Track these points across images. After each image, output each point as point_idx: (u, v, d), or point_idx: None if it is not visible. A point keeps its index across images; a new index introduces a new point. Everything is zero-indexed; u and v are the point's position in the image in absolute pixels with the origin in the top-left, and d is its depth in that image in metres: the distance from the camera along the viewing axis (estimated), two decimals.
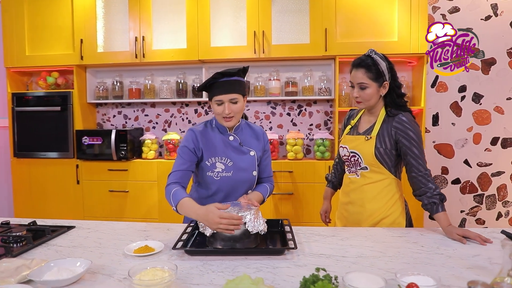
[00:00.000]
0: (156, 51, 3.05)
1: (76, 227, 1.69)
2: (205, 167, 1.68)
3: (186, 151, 1.67)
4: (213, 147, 1.69)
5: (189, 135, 1.70)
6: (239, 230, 1.38)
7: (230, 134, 1.72)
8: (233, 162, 1.68)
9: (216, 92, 1.59)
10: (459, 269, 1.21)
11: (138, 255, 1.32)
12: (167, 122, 3.43)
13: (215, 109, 1.62)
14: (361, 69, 1.67)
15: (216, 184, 1.68)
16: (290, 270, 1.22)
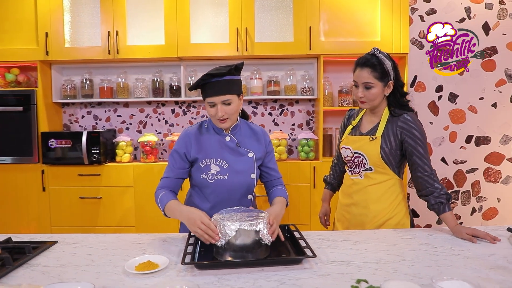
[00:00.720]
0: (131, 47, 2.85)
1: (59, 241, 1.50)
2: (198, 169, 1.58)
3: (176, 157, 1.60)
4: (207, 148, 1.58)
5: (182, 137, 1.60)
6: (250, 239, 1.28)
7: (226, 135, 1.61)
8: (229, 164, 1.58)
9: (208, 93, 1.48)
10: (483, 271, 1.20)
11: (142, 272, 1.18)
12: (142, 123, 3.23)
13: (208, 111, 1.52)
14: (367, 69, 1.62)
15: (210, 188, 1.58)
16: (314, 280, 1.13)
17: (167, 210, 1.50)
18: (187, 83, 3.03)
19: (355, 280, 1.10)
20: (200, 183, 1.59)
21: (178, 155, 1.58)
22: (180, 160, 1.58)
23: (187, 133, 1.60)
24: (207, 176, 1.56)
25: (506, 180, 3.22)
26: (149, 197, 2.88)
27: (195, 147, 1.57)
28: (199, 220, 1.31)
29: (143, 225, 2.92)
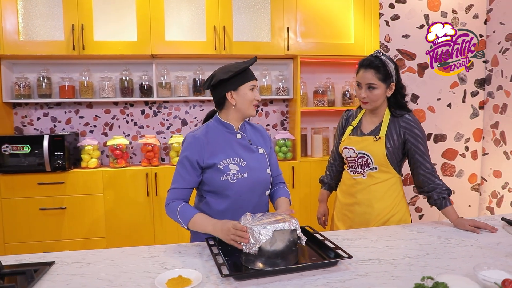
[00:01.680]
0: (99, 42, 2.61)
1: (57, 262, 1.31)
2: (217, 172, 1.49)
3: (187, 165, 1.50)
4: (223, 148, 1.52)
5: (191, 143, 1.50)
6: (283, 243, 1.23)
7: (237, 132, 1.57)
8: (246, 162, 1.53)
9: (251, 77, 1.52)
10: (500, 258, 1.29)
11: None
12: (108, 124, 2.98)
13: (249, 96, 1.51)
14: (371, 70, 1.67)
15: (234, 189, 1.51)
16: (360, 281, 1.13)
17: (193, 224, 1.44)
18: (159, 82, 2.86)
19: (392, 277, 1.13)
20: (221, 186, 1.50)
21: (189, 163, 1.49)
22: (191, 168, 1.49)
23: (196, 137, 1.50)
24: (228, 177, 1.49)
25: (459, 174, 3.53)
26: (121, 205, 2.68)
27: (208, 151, 1.49)
28: (232, 228, 1.27)
29: (114, 236, 2.70)
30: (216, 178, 1.50)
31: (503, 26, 3.22)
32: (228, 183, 1.50)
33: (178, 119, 3.07)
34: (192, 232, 1.63)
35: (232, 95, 1.50)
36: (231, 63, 1.51)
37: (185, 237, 2.75)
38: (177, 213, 1.46)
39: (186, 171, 1.50)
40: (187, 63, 2.99)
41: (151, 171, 2.72)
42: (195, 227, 1.44)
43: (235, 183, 1.50)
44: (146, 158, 2.79)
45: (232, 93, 1.50)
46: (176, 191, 1.51)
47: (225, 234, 1.31)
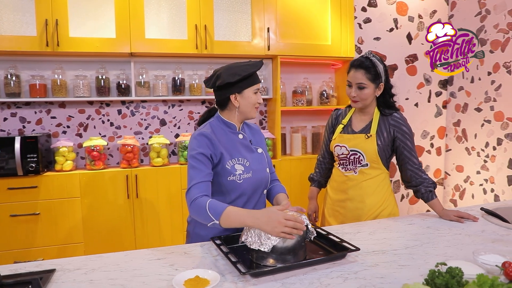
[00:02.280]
0: (75, 39, 2.49)
1: (58, 269, 1.25)
2: (224, 172, 1.49)
3: (204, 159, 1.45)
4: (228, 148, 1.52)
5: (201, 140, 1.48)
6: (293, 239, 1.26)
7: (239, 132, 1.57)
8: (249, 162, 1.54)
9: (256, 80, 1.52)
10: (489, 244, 1.40)
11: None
12: (83, 125, 2.85)
13: (252, 99, 1.51)
14: (361, 70, 1.74)
15: (240, 189, 1.51)
16: (371, 271, 1.18)
17: (227, 217, 1.30)
18: (137, 81, 2.78)
19: (398, 266, 1.20)
20: (228, 185, 1.49)
21: (205, 157, 1.45)
22: (207, 162, 1.45)
23: (205, 134, 1.48)
24: (235, 177, 1.49)
25: (426, 169, 3.75)
26: (100, 208, 2.58)
27: (219, 147, 1.48)
28: (282, 219, 1.21)
29: (92, 241, 2.59)
30: (223, 178, 1.49)
31: None
32: (235, 183, 1.49)
33: (157, 119, 3.00)
34: (192, 233, 1.61)
35: (236, 98, 1.50)
36: (238, 64, 1.48)
37: (167, 240, 2.70)
38: (207, 209, 1.32)
39: (203, 164, 1.43)
40: (166, 62, 2.93)
41: (131, 173, 2.64)
42: (229, 220, 1.30)
43: (242, 183, 1.50)
44: (125, 160, 2.70)
45: (237, 96, 1.50)
46: (200, 185, 1.40)
47: (273, 227, 1.22)
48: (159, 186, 2.70)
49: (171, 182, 2.72)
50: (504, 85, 3.07)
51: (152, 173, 2.69)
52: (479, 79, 3.31)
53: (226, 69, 1.51)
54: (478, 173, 3.37)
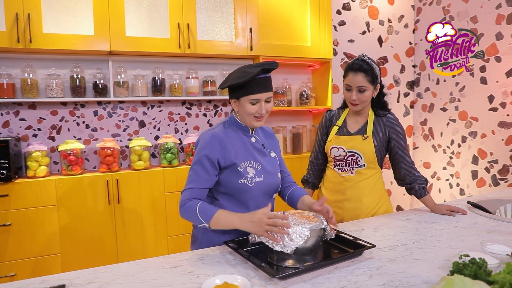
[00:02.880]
0: (50, 35, 2.32)
1: (67, 285, 1.16)
2: (236, 175, 1.46)
3: (207, 164, 1.42)
4: (240, 150, 1.49)
5: (211, 141, 1.43)
6: (315, 239, 1.27)
7: (252, 136, 1.55)
8: (261, 165, 1.52)
9: (255, 89, 1.41)
10: (485, 235, 1.51)
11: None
12: (55, 127, 2.66)
13: (248, 109, 1.43)
14: (361, 73, 1.78)
15: (251, 192, 1.48)
16: (391, 267, 1.23)
17: (217, 221, 1.34)
18: (116, 81, 2.65)
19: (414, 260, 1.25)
20: (239, 188, 1.46)
21: (209, 162, 1.42)
22: (210, 168, 1.42)
23: (216, 136, 1.44)
24: (247, 180, 1.46)
25: None
26: (78, 216, 2.43)
27: (230, 151, 1.44)
28: (265, 217, 1.23)
29: (70, 252, 2.43)
30: (234, 180, 1.46)
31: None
32: (246, 186, 1.47)
33: (136, 120, 2.87)
34: (201, 238, 1.56)
35: (236, 103, 1.48)
36: (245, 66, 1.43)
37: (149, 251, 2.60)
38: (197, 211, 1.35)
39: (204, 170, 1.41)
40: (145, 61, 2.82)
41: (112, 177, 2.51)
42: (219, 223, 1.34)
43: (253, 187, 1.48)
44: (105, 163, 2.56)
45: (236, 101, 1.47)
46: (193, 190, 1.41)
47: (256, 226, 1.25)
48: (141, 191, 2.59)
49: (154, 186, 2.63)
50: (468, 86, 3.30)
51: (134, 177, 2.58)
52: (444, 80, 3.54)
53: (231, 72, 1.49)
54: (444, 169, 3.60)
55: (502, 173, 3.06)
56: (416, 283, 1.12)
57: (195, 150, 1.50)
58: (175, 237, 2.71)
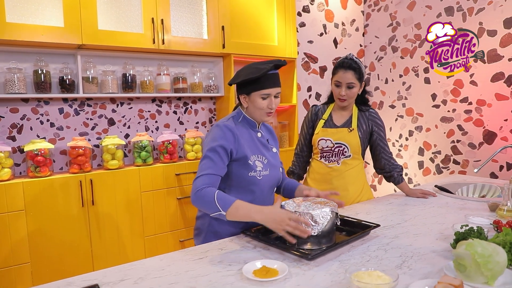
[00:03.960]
0: (14, 25, 2.13)
1: (100, 284, 1.13)
2: (246, 167, 1.51)
3: (222, 153, 1.46)
4: (249, 144, 1.55)
5: (225, 132, 1.47)
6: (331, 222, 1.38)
7: (258, 131, 1.62)
8: (267, 159, 1.60)
9: (266, 85, 1.48)
10: (460, 211, 1.75)
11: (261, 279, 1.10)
12: (16, 126, 2.44)
13: (259, 103, 1.50)
14: (351, 71, 1.93)
15: (259, 185, 1.55)
16: (397, 242, 1.38)
17: (235, 210, 1.33)
18: (85, 77, 2.51)
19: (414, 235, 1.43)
20: (249, 181, 1.51)
21: (224, 151, 1.45)
22: (225, 156, 1.45)
23: (229, 127, 1.48)
24: (256, 173, 1.51)
25: None
26: (49, 221, 2.28)
27: (242, 143, 1.49)
28: (287, 218, 1.29)
29: (41, 259, 2.25)
30: (244, 173, 1.51)
31: (378, 39, 4.04)
32: (255, 179, 1.52)
33: (105, 118, 2.74)
34: (207, 230, 1.58)
35: (245, 98, 1.54)
36: (256, 63, 1.49)
37: (126, 253, 2.52)
38: (215, 198, 1.34)
39: (220, 158, 1.43)
40: (115, 57, 2.71)
41: (85, 178, 2.38)
42: (236, 213, 1.33)
43: (261, 180, 1.54)
44: (76, 164, 2.42)
45: (246, 97, 1.53)
46: (210, 176, 1.40)
47: (277, 224, 1.29)
48: (116, 191, 2.49)
49: (130, 186, 2.54)
50: (413, 86, 3.69)
51: (109, 177, 2.47)
52: (392, 80, 3.90)
53: (241, 68, 1.54)
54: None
55: (445, 162, 3.49)
56: (425, 252, 1.28)
57: (206, 140, 1.52)
58: (152, 237, 2.65)
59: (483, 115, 3.16)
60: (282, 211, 1.33)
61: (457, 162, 3.38)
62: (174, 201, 2.73)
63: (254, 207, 1.36)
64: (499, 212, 1.62)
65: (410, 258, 1.24)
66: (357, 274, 1.02)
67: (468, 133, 3.28)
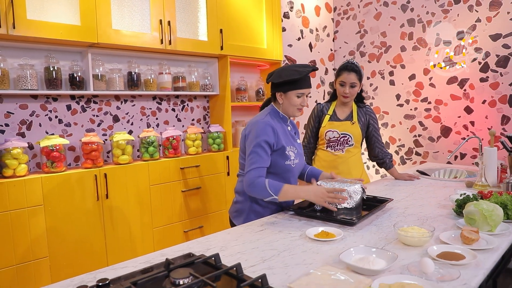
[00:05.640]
0: (34, 22, 2.16)
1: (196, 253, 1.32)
2: (283, 157, 1.77)
3: (267, 148, 1.72)
4: (283, 136, 1.80)
5: (266, 128, 1.72)
6: (359, 196, 1.69)
7: (288, 125, 1.88)
8: (297, 149, 1.87)
9: (303, 85, 1.77)
10: (444, 189, 2.16)
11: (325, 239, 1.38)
12: (25, 122, 2.44)
13: (294, 101, 1.77)
14: (354, 73, 2.28)
15: (292, 172, 1.82)
16: (410, 211, 1.73)
17: (285, 193, 1.62)
18: (94, 74, 2.58)
19: (420, 206, 1.79)
20: (285, 169, 1.76)
21: (268, 145, 1.69)
22: (268, 149, 1.70)
23: (269, 123, 1.72)
24: (290, 161, 1.77)
25: None
26: (67, 215, 2.34)
27: (279, 136, 1.74)
28: (327, 192, 1.60)
29: (59, 253, 2.30)
30: (281, 162, 1.76)
31: (347, 44, 4.49)
32: (290, 167, 1.79)
33: (110, 115, 2.81)
34: (249, 210, 1.81)
35: (281, 96, 1.79)
36: (290, 67, 1.75)
37: (137, 245, 2.63)
38: (267, 187, 1.61)
39: (265, 152, 1.68)
40: (120, 55, 2.79)
41: (100, 172, 2.46)
42: (287, 195, 1.62)
43: (294, 167, 1.81)
44: (90, 159, 2.48)
45: (282, 94, 1.79)
46: (260, 169, 1.66)
47: (319, 197, 1.60)
48: (128, 185, 2.60)
49: (140, 180, 2.66)
50: (380, 87, 4.18)
51: (121, 171, 2.57)
52: None
53: (280, 69, 1.78)
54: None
55: (408, 154, 4.01)
56: (435, 216, 1.64)
57: (249, 137, 1.75)
58: (160, 228, 2.78)
59: (440, 112, 3.71)
60: (321, 188, 1.63)
61: (419, 154, 3.91)
62: (179, 194, 2.88)
63: (299, 187, 1.66)
64: (475, 187, 2.05)
65: (426, 220, 1.59)
66: (401, 228, 1.34)
67: (428, 128, 3.82)
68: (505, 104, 3.27)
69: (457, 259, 1.14)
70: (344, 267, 1.12)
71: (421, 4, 3.76)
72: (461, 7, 3.45)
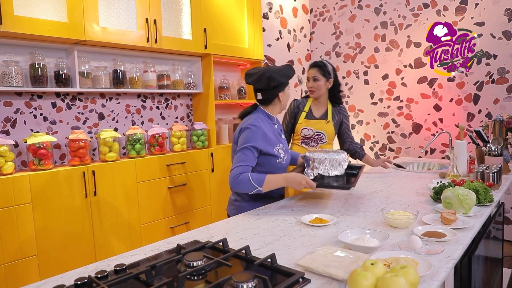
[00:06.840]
0: (21, 19, 2.14)
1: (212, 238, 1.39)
2: (274, 157, 1.86)
3: (255, 152, 1.80)
4: (273, 137, 1.90)
5: (256, 132, 1.79)
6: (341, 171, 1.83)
7: (275, 123, 1.98)
8: (284, 146, 1.97)
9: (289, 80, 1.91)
10: (421, 179, 2.33)
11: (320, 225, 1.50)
12: (10, 120, 2.40)
13: (288, 93, 1.93)
14: (315, 68, 2.45)
15: (283, 168, 1.92)
16: (394, 198, 1.88)
17: (268, 183, 1.71)
18: (80, 72, 2.58)
19: (399, 188, 1.95)
20: (276, 167, 1.86)
21: (256, 150, 1.78)
22: (255, 152, 1.79)
23: (259, 127, 1.79)
24: (281, 159, 1.88)
25: None
26: (55, 213, 2.33)
27: (269, 138, 1.83)
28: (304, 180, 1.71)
29: (47, 252, 2.29)
30: (273, 161, 1.85)
31: (323, 45, 4.66)
32: (281, 165, 1.90)
33: (95, 112, 2.81)
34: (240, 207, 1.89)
35: (282, 94, 1.90)
36: (280, 67, 1.86)
37: (124, 241, 2.65)
38: (251, 180, 1.69)
39: (253, 155, 1.77)
40: (105, 53, 2.80)
41: (88, 170, 2.46)
42: (269, 185, 1.71)
43: (284, 164, 1.92)
44: (77, 156, 2.48)
45: (282, 93, 1.90)
46: (245, 167, 1.73)
47: (297, 184, 1.71)
48: (115, 182, 2.61)
49: (127, 177, 2.68)
50: (355, 86, 4.38)
51: (109, 168, 2.58)
52: None
53: (274, 71, 1.85)
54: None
55: (382, 150, 4.23)
56: (415, 203, 1.79)
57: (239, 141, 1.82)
58: (148, 224, 2.81)
59: (412, 110, 3.95)
60: (298, 176, 1.72)
61: (392, 149, 4.14)
62: (166, 190, 2.92)
63: (279, 177, 1.75)
64: (448, 177, 2.24)
65: (407, 206, 1.74)
66: (389, 212, 1.47)
67: (400, 125, 4.05)
68: (470, 102, 3.54)
69: (440, 237, 1.28)
70: (342, 246, 1.23)
71: (393, 7, 3.98)
72: (430, 11, 3.70)
